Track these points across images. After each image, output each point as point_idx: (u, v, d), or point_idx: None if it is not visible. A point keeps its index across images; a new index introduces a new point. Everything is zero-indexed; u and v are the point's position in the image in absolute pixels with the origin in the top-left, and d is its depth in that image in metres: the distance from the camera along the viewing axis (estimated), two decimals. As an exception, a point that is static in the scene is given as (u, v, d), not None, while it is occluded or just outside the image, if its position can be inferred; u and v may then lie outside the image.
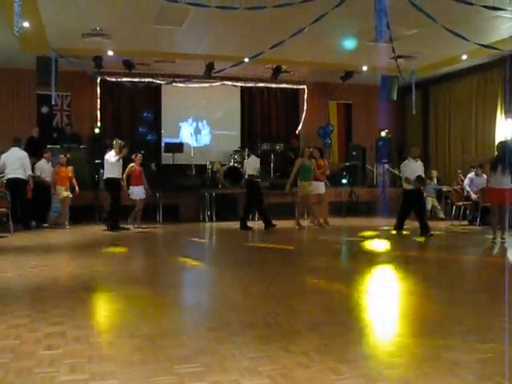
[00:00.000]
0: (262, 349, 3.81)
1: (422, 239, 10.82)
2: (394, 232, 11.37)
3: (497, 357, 3.67)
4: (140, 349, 3.81)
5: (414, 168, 11.14)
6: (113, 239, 11.07)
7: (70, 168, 13.38)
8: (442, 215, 15.05)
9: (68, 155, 13.72)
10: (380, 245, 10.45)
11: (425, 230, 11.00)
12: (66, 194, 13.08)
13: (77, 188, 13.29)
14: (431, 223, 12.94)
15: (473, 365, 3.48)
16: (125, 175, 12.72)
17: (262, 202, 13.06)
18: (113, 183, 12.35)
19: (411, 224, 11.68)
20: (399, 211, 11.75)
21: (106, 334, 4.20)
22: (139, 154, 13.28)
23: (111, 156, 12.29)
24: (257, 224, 13.37)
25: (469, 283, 6.82)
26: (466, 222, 13.76)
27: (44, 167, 13.31)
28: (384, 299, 5.65)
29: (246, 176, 13.02)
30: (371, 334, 4.29)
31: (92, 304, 5.29)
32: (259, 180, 13.12)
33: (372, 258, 8.70)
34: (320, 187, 13.25)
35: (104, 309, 5.08)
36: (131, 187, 12.87)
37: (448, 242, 11.07)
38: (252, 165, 12.95)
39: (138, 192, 12.94)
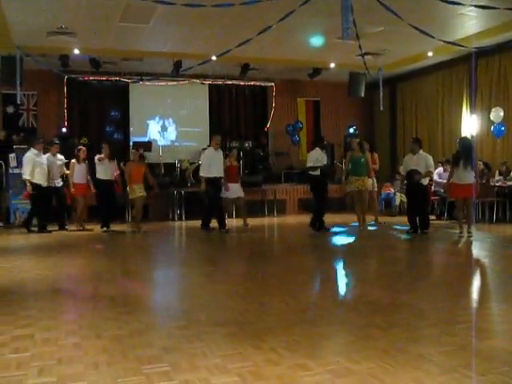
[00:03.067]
0: (231, 346, 3.82)
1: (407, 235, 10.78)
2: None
3: (461, 349, 3.74)
4: (108, 349, 3.79)
5: (408, 162, 10.95)
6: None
7: (144, 164, 12.52)
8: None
9: (141, 150, 12.90)
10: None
11: (423, 227, 10.76)
12: (142, 193, 12.05)
13: (155, 188, 12.46)
14: (400, 219, 13.13)
15: (438, 357, 3.54)
16: (223, 173, 11.86)
17: (321, 200, 11.49)
18: (218, 182, 11.66)
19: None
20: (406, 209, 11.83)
21: (74, 336, 4.16)
22: (234, 150, 12.98)
23: (214, 153, 11.70)
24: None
25: (433, 277, 6.91)
26: (433, 217, 13.91)
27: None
28: (353, 296, 5.71)
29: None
30: (339, 330, 4.33)
31: (60, 305, 5.24)
32: (317, 174, 11.34)
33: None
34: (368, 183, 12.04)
35: (72, 310, 5.04)
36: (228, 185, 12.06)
37: (417, 237, 11.14)
38: (313, 158, 11.39)
39: (234, 190, 12.22)
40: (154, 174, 13.79)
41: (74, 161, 12.30)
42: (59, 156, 12.57)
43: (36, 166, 11.86)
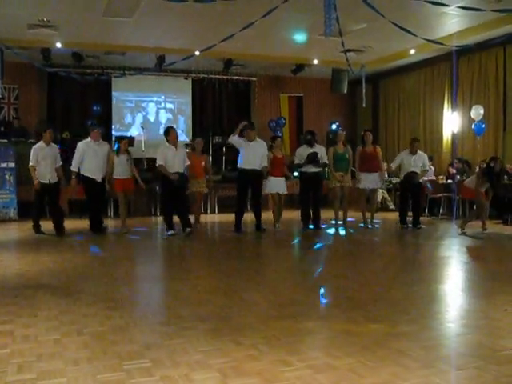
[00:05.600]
0: (212, 342, 3.84)
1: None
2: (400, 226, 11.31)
3: (440, 344, 3.80)
4: (88, 346, 3.79)
5: (407, 162, 11.18)
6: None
7: (205, 156, 11.49)
8: (392, 206, 15.31)
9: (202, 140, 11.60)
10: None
11: (417, 222, 11.20)
12: (199, 188, 10.98)
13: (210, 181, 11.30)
14: (382, 214, 13.24)
15: (417, 352, 3.58)
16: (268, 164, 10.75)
17: (303, 197, 11.36)
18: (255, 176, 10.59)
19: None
20: (398, 204, 12.24)
21: (54, 332, 4.14)
22: (279, 138, 11.68)
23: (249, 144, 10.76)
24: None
25: (414, 273, 6.95)
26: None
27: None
28: (333, 292, 5.74)
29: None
30: (319, 326, 4.35)
31: (41, 302, 5.21)
32: (301, 169, 11.20)
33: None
34: (367, 180, 11.33)
35: (53, 306, 5.00)
36: (268, 177, 10.88)
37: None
38: (297, 155, 11.31)
39: (274, 184, 10.99)
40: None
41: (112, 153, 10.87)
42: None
43: (89, 156, 10.40)
